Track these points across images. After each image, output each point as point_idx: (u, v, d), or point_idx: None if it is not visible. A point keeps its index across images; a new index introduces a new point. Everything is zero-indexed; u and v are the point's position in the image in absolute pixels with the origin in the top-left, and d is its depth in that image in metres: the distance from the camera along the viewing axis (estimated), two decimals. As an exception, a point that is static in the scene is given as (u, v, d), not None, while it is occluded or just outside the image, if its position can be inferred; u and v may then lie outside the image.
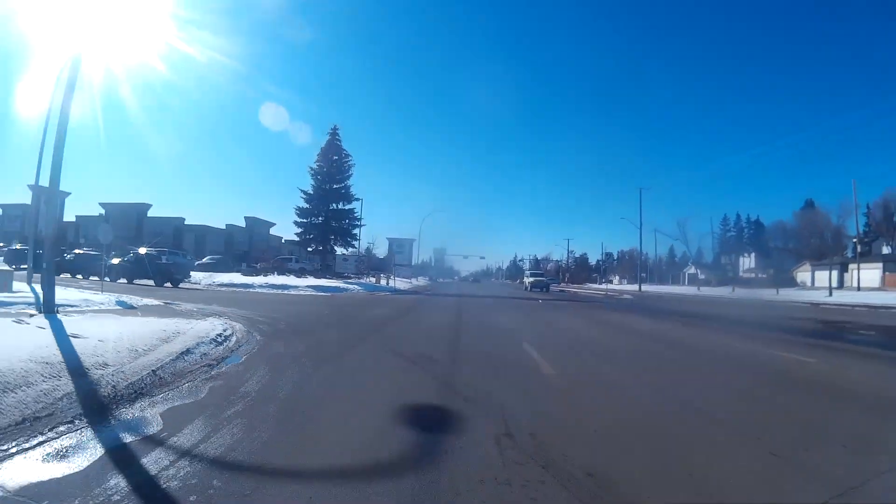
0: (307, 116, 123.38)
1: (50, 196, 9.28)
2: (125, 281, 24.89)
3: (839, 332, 12.62)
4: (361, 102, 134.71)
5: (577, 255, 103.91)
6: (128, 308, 10.94)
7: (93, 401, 3.92)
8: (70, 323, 7.08)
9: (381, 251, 60.62)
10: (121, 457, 2.88)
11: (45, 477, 2.56)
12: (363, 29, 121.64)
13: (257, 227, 79.10)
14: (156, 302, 13.10)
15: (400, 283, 40.58)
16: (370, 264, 47.70)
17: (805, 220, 54.26)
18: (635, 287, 55.82)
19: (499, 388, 4.90)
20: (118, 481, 2.52)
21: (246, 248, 72.44)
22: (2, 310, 8.60)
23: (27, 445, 2.98)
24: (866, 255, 51.72)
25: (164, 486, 2.49)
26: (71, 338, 5.90)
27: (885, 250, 54.38)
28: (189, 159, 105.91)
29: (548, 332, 11.06)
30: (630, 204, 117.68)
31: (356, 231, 43.29)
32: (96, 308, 9.91)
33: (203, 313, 10.75)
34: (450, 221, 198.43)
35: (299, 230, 42.98)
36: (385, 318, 12.83)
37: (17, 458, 2.82)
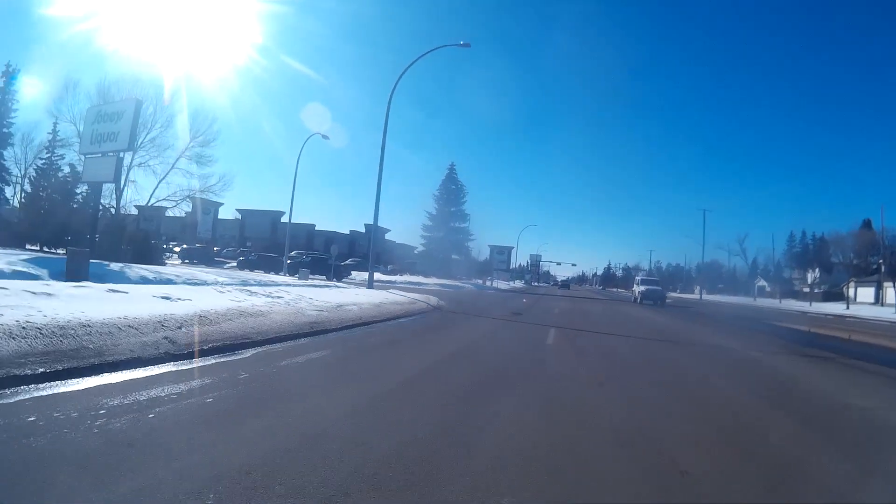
0: (419, 140, 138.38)
1: (375, 228, 21.50)
2: (285, 275, 34.06)
3: (728, 321, 21.73)
4: (472, 124, 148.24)
5: (661, 266, 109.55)
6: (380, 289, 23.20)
7: (434, 307, 15.80)
8: (383, 291, 19.22)
9: (483, 255, 71.89)
10: (448, 312, 14.67)
11: (431, 321, 14.37)
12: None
13: (376, 233, 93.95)
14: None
15: (500, 285, 52.26)
16: (477, 268, 59.80)
17: (860, 240, 58.48)
18: (704, 295, 63.27)
19: (539, 314, 16.31)
20: (444, 314, 14.29)
21: (365, 251, 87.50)
22: (344, 287, 21.04)
23: (427, 312, 14.81)
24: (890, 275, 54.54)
25: (449, 316, 14.22)
26: (397, 294, 17.91)
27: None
28: (314, 173, 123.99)
29: (572, 308, 22.01)
30: (706, 219, 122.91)
31: (468, 244, 56.01)
32: (377, 288, 22.11)
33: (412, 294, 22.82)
34: (545, 228, 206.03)
35: (424, 241, 56.36)
36: (493, 301, 24.43)
37: (431, 312, 14.67)
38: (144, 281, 12.28)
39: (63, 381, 4.11)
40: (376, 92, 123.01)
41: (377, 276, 46.42)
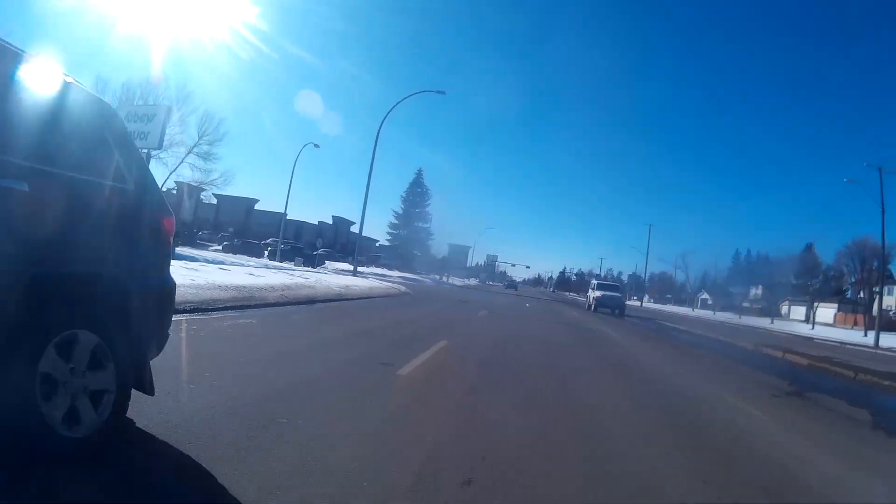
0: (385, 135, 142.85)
1: (360, 233, 26.86)
2: (277, 261, 41.27)
3: (638, 324, 28.58)
4: (436, 126, 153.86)
5: (614, 273, 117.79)
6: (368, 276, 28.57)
7: (404, 292, 21.38)
8: (365, 279, 24.64)
9: (441, 252, 77.71)
10: (415, 297, 20.33)
11: (406, 300, 20.02)
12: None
13: (342, 225, 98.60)
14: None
15: (456, 281, 58.33)
16: (436, 264, 65.73)
17: (799, 262, 63.68)
18: (651, 304, 71.40)
19: (481, 302, 22.17)
20: (413, 298, 19.96)
21: (331, 241, 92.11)
22: (335, 274, 26.32)
23: (401, 295, 20.41)
24: (828, 296, 62.31)
25: (417, 298, 19.95)
26: (376, 281, 23.39)
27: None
28: (283, 160, 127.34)
29: (508, 302, 27.97)
30: (655, 233, 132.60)
31: (430, 243, 62.03)
32: (359, 275, 27.47)
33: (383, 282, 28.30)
34: (503, 230, 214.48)
35: (390, 238, 61.85)
36: (449, 292, 30.27)
37: (403, 295, 20.27)
38: (206, 261, 17.33)
39: (251, 309, 9.49)
40: (355, 77, 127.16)
41: (345, 266, 51.79)
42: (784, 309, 69.40)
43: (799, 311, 64.73)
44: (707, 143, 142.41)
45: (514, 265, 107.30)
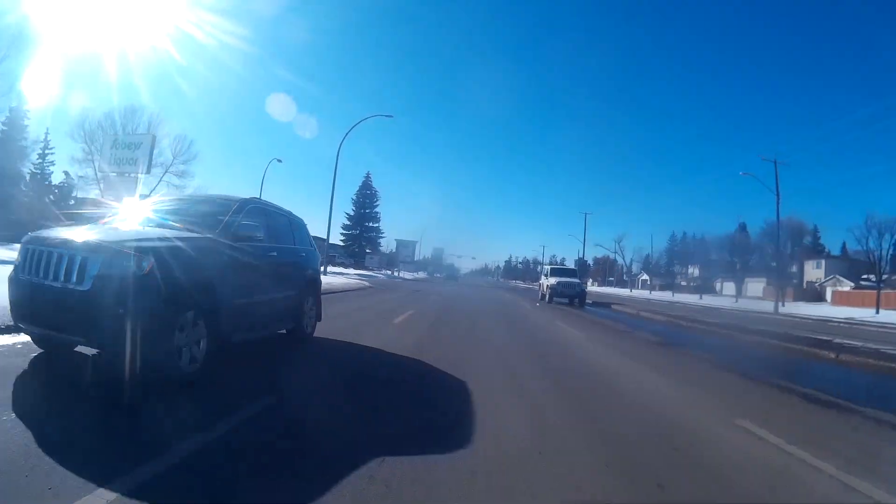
0: (331, 130, 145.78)
1: (328, 238, 31.81)
2: None
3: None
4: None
5: (558, 260, 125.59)
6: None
7: (369, 286, 26.71)
8: (334, 275, 29.73)
9: (391, 247, 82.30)
10: (377, 289, 25.75)
11: (374, 291, 25.44)
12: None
13: (329, 241, 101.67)
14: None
15: (406, 275, 63.85)
16: (387, 260, 70.93)
17: (731, 241, 68.48)
18: (594, 287, 78.73)
19: (431, 290, 27.82)
20: (376, 290, 25.45)
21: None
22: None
23: (368, 288, 25.79)
24: (759, 272, 63.64)
25: (380, 290, 25.47)
26: (344, 278, 28.52)
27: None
28: (239, 161, 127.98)
29: (453, 291, 33.76)
30: (591, 220, 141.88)
31: (380, 241, 67.29)
32: (329, 274, 32.44)
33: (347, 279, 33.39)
34: (448, 223, 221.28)
35: (343, 238, 66.58)
36: (402, 285, 35.71)
37: (369, 288, 25.65)
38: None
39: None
40: (313, 76, 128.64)
41: (304, 265, 56.35)
42: (718, 286, 72.50)
43: (731, 288, 67.14)
44: (638, 130, 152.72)
45: (460, 257, 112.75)
